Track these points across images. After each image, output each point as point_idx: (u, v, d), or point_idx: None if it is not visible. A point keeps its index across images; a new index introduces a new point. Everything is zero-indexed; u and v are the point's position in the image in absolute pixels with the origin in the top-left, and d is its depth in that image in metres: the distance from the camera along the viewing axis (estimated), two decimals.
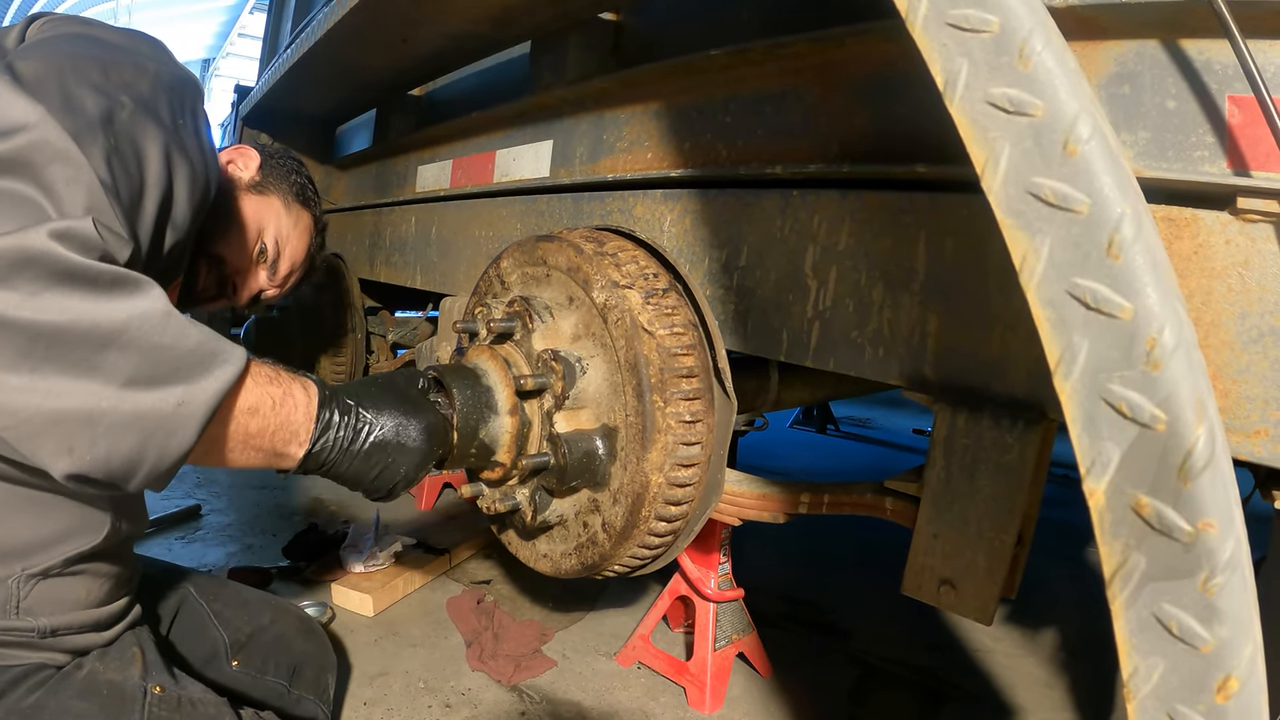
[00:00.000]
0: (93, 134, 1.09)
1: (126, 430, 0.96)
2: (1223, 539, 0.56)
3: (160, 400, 0.98)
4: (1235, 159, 0.90)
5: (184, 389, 0.99)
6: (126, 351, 0.95)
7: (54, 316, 0.91)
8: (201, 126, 1.38)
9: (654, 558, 1.50)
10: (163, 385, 0.98)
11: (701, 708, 2.25)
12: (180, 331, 1.00)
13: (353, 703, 2.14)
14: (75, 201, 1.03)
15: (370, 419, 1.23)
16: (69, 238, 0.95)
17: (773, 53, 1.39)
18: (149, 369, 0.97)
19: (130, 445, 0.97)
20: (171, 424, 0.99)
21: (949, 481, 1.19)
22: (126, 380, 0.96)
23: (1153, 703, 0.58)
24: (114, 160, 1.11)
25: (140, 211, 1.18)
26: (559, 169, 2.03)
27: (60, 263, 0.93)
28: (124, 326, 0.95)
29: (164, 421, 0.98)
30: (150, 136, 1.20)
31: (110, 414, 0.95)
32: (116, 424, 0.95)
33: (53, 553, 1.29)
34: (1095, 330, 0.61)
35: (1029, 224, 0.64)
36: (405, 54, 2.55)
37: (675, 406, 1.32)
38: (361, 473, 1.23)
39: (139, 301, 0.98)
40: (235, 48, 22.68)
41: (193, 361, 1.01)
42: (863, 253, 1.27)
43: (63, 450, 0.94)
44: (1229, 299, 0.92)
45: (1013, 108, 0.63)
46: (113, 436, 0.96)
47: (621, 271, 1.39)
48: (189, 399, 1.00)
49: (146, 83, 1.25)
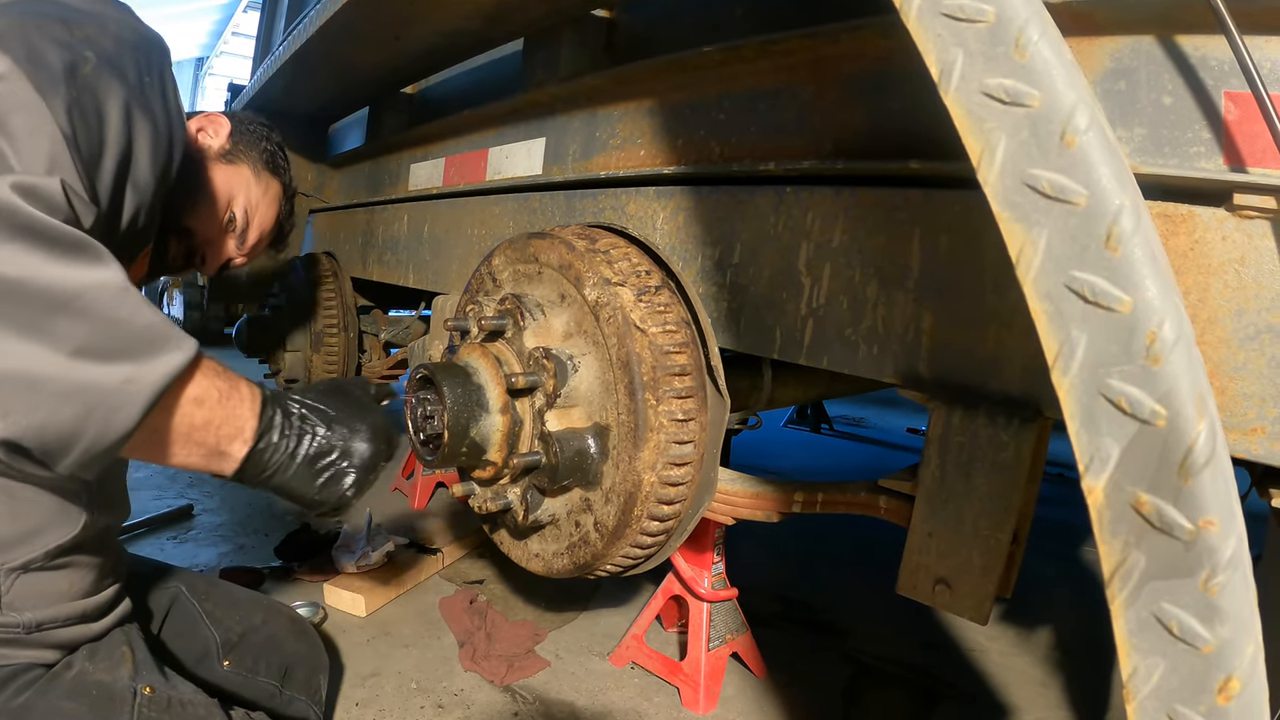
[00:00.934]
0: (55, 86, 1.07)
1: (67, 400, 0.92)
2: (1224, 537, 0.55)
3: (107, 375, 0.94)
4: (1232, 155, 0.90)
5: (132, 367, 0.96)
6: (79, 319, 0.92)
7: (8, 270, 0.89)
8: (169, 88, 1.34)
9: (647, 557, 1.49)
10: (111, 360, 0.95)
11: (695, 708, 2.24)
12: (135, 309, 0.97)
13: (345, 703, 2.12)
14: (38, 151, 1.01)
15: (315, 421, 1.21)
16: (34, 195, 0.94)
17: (766, 49, 1.39)
18: (99, 341, 0.94)
19: (69, 417, 0.93)
20: (115, 400, 0.95)
21: (944, 480, 1.18)
22: (75, 349, 0.92)
23: (1153, 703, 0.57)
24: (75, 112, 1.08)
25: (99, 167, 1.15)
26: (552, 166, 2.02)
27: (22, 217, 0.90)
28: (79, 293, 0.92)
29: (107, 397, 0.95)
30: (113, 92, 1.17)
31: (54, 381, 0.91)
32: (58, 392, 0.92)
33: (32, 546, 1.27)
34: (1094, 324, 0.60)
35: (1026, 216, 0.63)
36: (398, 51, 2.55)
37: (668, 404, 1.31)
38: (306, 479, 1.20)
39: (98, 271, 0.95)
40: (229, 46, 22.61)
41: (144, 341, 0.98)
42: (856, 249, 1.26)
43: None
44: (1225, 296, 0.92)
45: (1009, 98, 0.62)
46: (53, 404, 0.92)
47: (614, 269, 1.38)
48: (136, 377, 0.96)
49: (110, 40, 1.22)
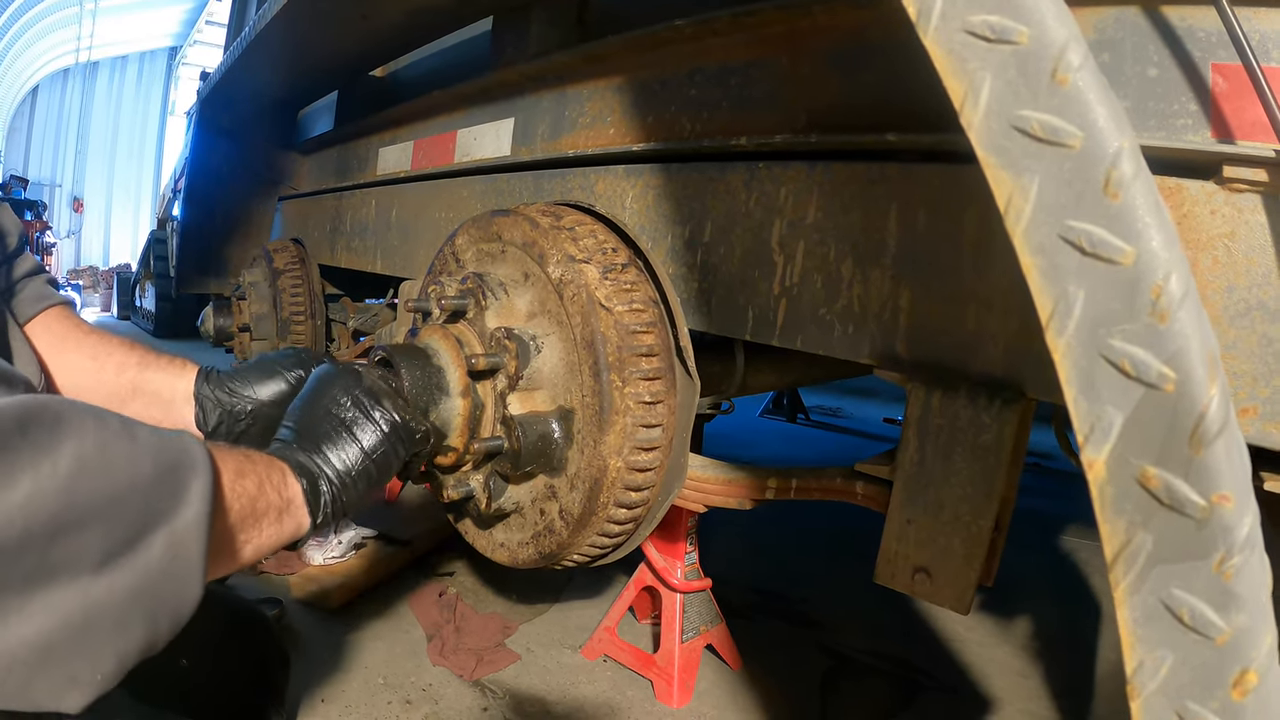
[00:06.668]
0: None
1: (129, 619, 0.74)
2: (1239, 514, 0.50)
3: (149, 560, 0.74)
4: (1220, 128, 0.90)
5: (168, 528, 0.76)
6: (87, 524, 0.69)
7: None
8: None
9: (615, 546, 1.45)
10: (142, 539, 0.74)
11: (669, 701, 2.20)
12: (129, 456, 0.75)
13: (309, 700, 2.07)
14: None
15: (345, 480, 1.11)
16: None
17: (739, 22, 1.36)
18: (120, 530, 0.72)
19: (140, 634, 0.75)
20: (173, 580, 0.77)
21: (923, 464, 1.15)
22: (101, 558, 0.71)
23: (1160, 700, 0.52)
24: None
25: None
26: (520, 147, 1.99)
27: None
28: (68, 493, 0.68)
29: (163, 583, 0.76)
30: None
31: (102, 612, 0.71)
32: (115, 619, 0.72)
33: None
34: (1092, 278, 0.55)
35: (1014, 162, 0.57)
36: (365, 31, 2.49)
37: (634, 386, 1.27)
38: None
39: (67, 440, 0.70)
40: (203, 35, 22.30)
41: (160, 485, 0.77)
42: (831, 226, 1.23)
43: (64, 685, 0.70)
44: (1215, 271, 0.91)
45: (994, 35, 0.57)
46: (117, 635, 0.73)
47: (579, 246, 1.33)
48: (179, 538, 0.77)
49: None
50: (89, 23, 19.77)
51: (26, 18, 17.71)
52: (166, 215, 11.14)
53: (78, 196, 23.81)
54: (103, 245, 24.42)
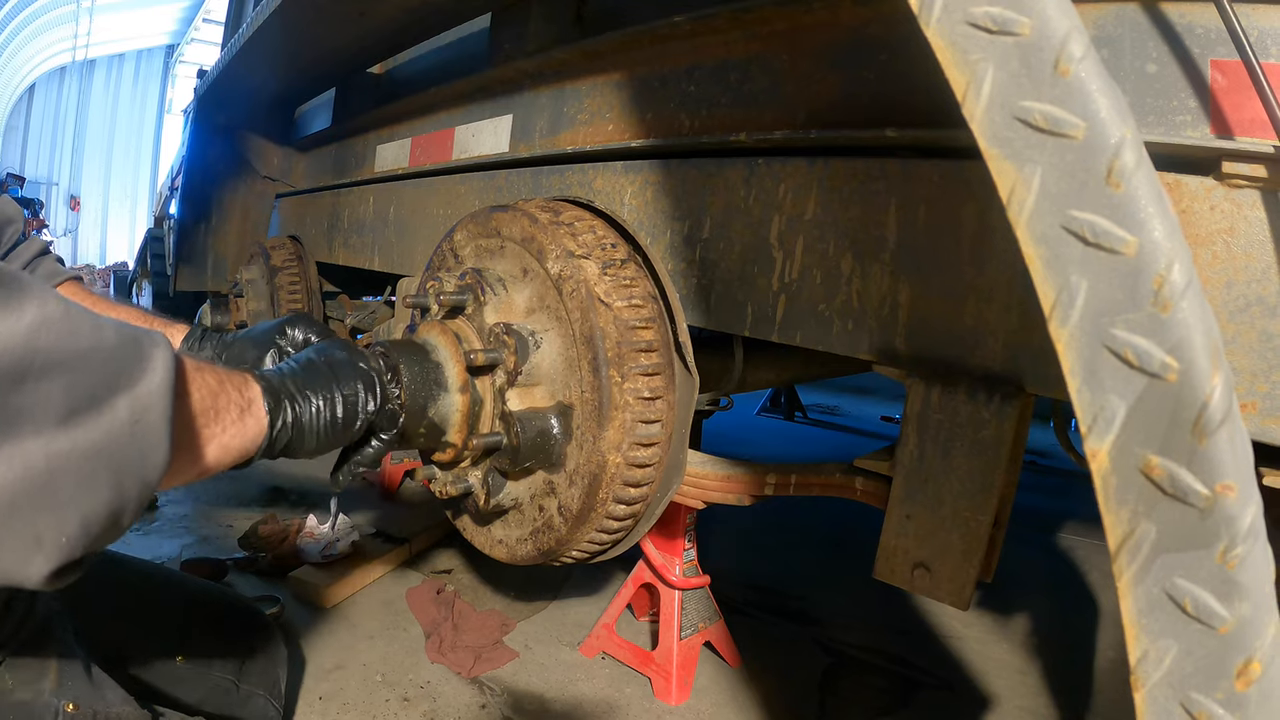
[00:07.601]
0: None
1: (93, 477, 0.73)
2: (1243, 504, 0.49)
3: (113, 421, 0.75)
4: (1219, 124, 0.90)
5: (130, 394, 0.76)
6: (50, 374, 0.70)
7: None
8: None
9: (614, 543, 1.45)
10: (107, 401, 0.75)
11: (668, 698, 2.20)
12: (93, 325, 0.76)
13: (307, 698, 2.07)
14: None
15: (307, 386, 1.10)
16: None
17: (738, 18, 1.36)
18: (84, 387, 0.73)
19: (106, 490, 0.75)
20: (138, 441, 0.77)
21: (922, 459, 1.15)
22: (66, 412, 0.71)
23: (1163, 691, 0.52)
24: None
25: None
26: (519, 143, 1.98)
27: None
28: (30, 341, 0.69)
29: (128, 444, 0.76)
30: None
31: (65, 465, 0.71)
32: (78, 475, 0.72)
33: None
34: (1095, 268, 0.55)
35: (1017, 153, 0.57)
36: (363, 28, 2.48)
37: (633, 382, 1.26)
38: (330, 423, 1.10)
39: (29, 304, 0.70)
40: (200, 33, 22.24)
41: (123, 356, 0.77)
42: (831, 222, 1.23)
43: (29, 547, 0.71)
44: (1214, 267, 0.91)
45: (996, 27, 0.57)
46: (80, 492, 0.73)
47: (578, 241, 1.33)
48: (143, 402, 0.77)
49: None
50: (86, 20, 19.71)
51: (23, 15, 17.67)
52: (163, 213, 11.11)
53: (74, 195, 23.75)
54: (99, 244, 24.38)
